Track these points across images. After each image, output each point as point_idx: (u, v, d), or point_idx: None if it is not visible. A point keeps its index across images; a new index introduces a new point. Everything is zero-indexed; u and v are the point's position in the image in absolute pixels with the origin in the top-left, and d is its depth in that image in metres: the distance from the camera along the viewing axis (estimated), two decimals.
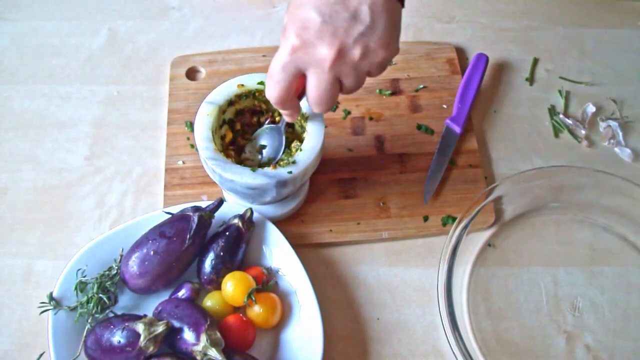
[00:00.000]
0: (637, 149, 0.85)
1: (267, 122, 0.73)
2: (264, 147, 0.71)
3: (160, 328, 0.63)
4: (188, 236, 0.68)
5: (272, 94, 0.60)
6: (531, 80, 0.91)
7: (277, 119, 0.73)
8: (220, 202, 0.72)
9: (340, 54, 0.56)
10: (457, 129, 0.83)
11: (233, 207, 0.74)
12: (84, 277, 0.69)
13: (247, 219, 0.71)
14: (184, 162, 0.81)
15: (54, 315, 0.67)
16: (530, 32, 0.96)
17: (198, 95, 0.85)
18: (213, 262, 0.70)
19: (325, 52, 0.56)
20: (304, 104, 0.70)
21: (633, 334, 0.72)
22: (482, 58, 0.88)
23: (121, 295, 0.70)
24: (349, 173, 0.81)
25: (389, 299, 0.74)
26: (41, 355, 0.70)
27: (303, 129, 0.70)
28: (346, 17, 0.56)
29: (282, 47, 0.58)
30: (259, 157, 0.71)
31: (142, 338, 0.62)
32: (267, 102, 0.72)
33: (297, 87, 0.61)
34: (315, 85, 0.59)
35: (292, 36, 0.57)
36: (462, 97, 0.86)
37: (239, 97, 0.71)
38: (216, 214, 0.72)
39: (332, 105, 0.61)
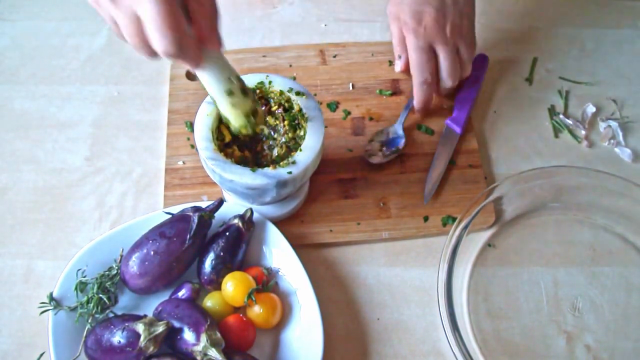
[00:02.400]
0: (637, 149, 0.85)
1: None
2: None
3: (160, 328, 0.63)
4: (188, 236, 0.68)
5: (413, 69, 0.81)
6: (531, 80, 0.91)
7: (273, 108, 0.71)
8: (220, 202, 0.72)
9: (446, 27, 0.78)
10: (457, 129, 0.83)
11: (233, 208, 0.74)
12: (84, 277, 0.69)
13: (247, 219, 0.71)
14: (184, 163, 0.81)
15: (54, 316, 0.67)
16: (530, 32, 0.96)
17: (198, 96, 0.85)
18: (213, 262, 0.70)
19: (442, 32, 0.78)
20: (305, 101, 0.70)
21: (633, 334, 0.72)
22: (483, 58, 0.88)
23: (121, 295, 0.70)
24: (349, 173, 0.81)
25: (389, 299, 0.74)
26: (41, 355, 0.70)
27: (303, 129, 0.70)
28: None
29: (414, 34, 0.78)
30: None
31: (142, 338, 0.62)
32: (266, 97, 0.72)
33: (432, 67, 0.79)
34: (443, 59, 0.79)
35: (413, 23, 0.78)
36: (463, 97, 0.86)
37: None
38: (216, 214, 0.72)
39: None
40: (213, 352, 0.62)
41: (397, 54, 0.85)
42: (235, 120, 0.67)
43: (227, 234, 0.71)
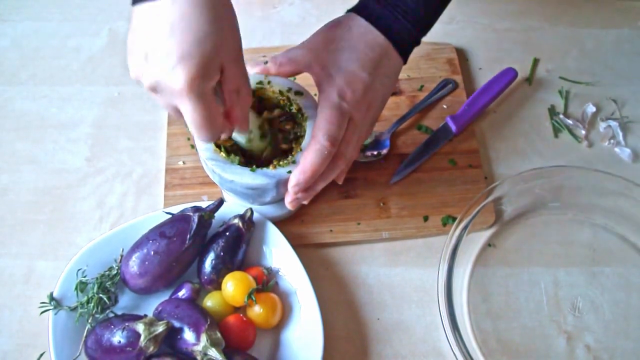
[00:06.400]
0: (637, 149, 0.85)
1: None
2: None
3: (160, 328, 0.63)
4: (188, 236, 0.68)
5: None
6: (531, 80, 0.91)
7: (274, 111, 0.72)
8: (221, 202, 0.72)
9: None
10: (453, 128, 0.83)
11: (233, 208, 0.74)
12: (85, 277, 0.69)
13: (247, 219, 0.71)
14: (184, 163, 0.81)
15: (54, 316, 0.67)
16: (530, 32, 0.96)
17: None
18: (213, 262, 0.70)
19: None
20: (304, 101, 0.70)
21: (633, 335, 0.72)
22: (510, 72, 0.87)
23: (121, 295, 0.70)
24: (349, 173, 0.81)
25: (389, 299, 0.74)
26: (42, 355, 0.70)
27: (303, 129, 0.70)
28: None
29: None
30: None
31: (142, 338, 0.62)
32: (267, 99, 0.72)
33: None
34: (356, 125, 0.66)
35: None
36: (474, 100, 0.85)
37: None
38: (216, 214, 0.72)
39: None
40: (213, 352, 0.62)
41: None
42: (253, 152, 0.69)
43: (227, 234, 0.71)
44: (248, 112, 0.61)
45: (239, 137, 0.66)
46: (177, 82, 0.51)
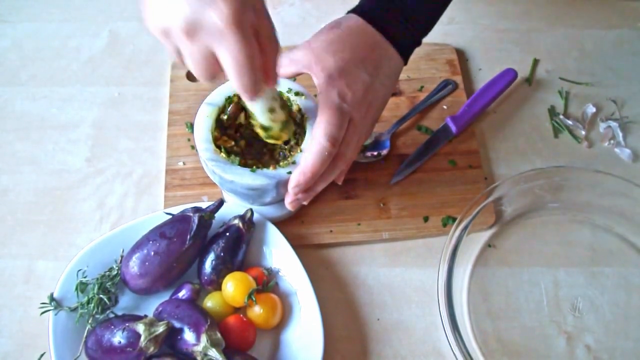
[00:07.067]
0: (637, 149, 0.85)
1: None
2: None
3: (160, 328, 0.63)
4: (188, 237, 0.68)
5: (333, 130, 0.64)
6: (531, 80, 0.91)
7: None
8: (221, 203, 0.72)
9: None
10: (453, 128, 0.83)
11: (233, 208, 0.74)
12: (85, 277, 0.69)
13: (247, 220, 0.72)
14: (184, 163, 0.81)
15: (54, 316, 0.67)
16: (530, 33, 0.96)
17: (198, 97, 0.85)
18: (213, 262, 0.70)
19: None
20: (304, 102, 0.70)
21: (633, 335, 0.72)
22: (510, 73, 0.87)
23: (122, 295, 0.70)
24: (349, 174, 0.81)
25: (389, 299, 0.74)
26: (42, 355, 0.70)
27: (303, 129, 0.70)
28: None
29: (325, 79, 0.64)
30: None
31: (142, 338, 0.62)
32: None
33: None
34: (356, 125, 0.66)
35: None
36: (474, 101, 0.85)
37: (239, 97, 0.71)
38: (216, 215, 0.72)
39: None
40: (213, 353, 0.62)
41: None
42: (273, 129, 0.66)
43: (228, 234, 0.71)
44: (277, 65, 0.59)
45: (261, 110, 0.64)
46: (220, 16, 0.49)
